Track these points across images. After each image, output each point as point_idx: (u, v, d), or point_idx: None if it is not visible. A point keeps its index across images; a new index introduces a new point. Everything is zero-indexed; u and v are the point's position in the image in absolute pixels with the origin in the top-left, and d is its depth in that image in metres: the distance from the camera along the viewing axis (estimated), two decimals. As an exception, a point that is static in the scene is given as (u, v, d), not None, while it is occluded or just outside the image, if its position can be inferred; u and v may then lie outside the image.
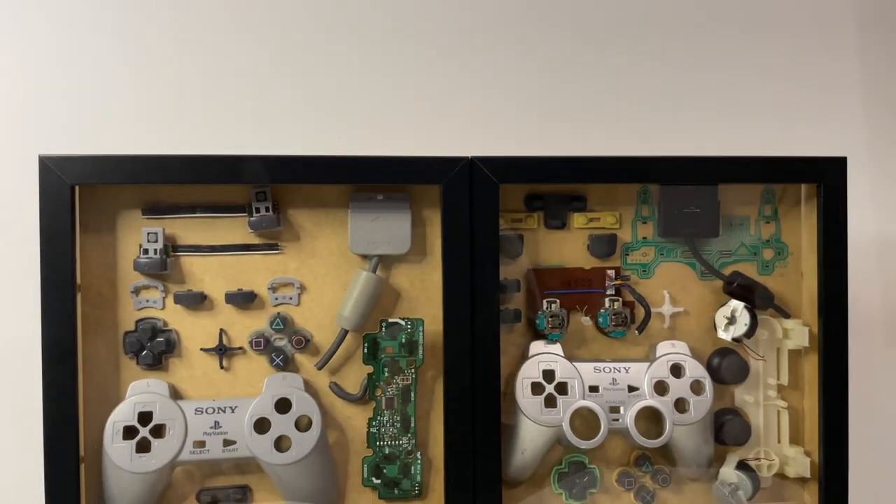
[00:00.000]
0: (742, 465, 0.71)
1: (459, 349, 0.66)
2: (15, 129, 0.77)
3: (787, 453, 0.72)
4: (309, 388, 0.67)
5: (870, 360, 0.87)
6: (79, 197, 0.63)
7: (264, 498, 0.67)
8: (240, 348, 0.67)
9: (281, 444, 0.64)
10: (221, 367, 0.67)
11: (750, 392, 0.73)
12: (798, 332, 0.71)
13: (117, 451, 0.62)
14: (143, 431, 0.63)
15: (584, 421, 0.69)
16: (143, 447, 0.63)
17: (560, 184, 0.70)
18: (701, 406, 0.69)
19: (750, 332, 0.70)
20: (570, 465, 0.71)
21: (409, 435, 0.68)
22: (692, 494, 0.72)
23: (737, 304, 0.70)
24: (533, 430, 0.68)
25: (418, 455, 0.68)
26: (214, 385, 0.67)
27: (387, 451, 0.68)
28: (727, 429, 0.71)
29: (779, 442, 0.73)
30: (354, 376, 0.69)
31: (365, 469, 0.68)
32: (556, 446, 0.70)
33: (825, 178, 0.70)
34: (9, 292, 0.75)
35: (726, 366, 0.71)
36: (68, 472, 0.61)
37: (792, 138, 0.87)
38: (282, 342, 0.67)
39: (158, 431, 0.63)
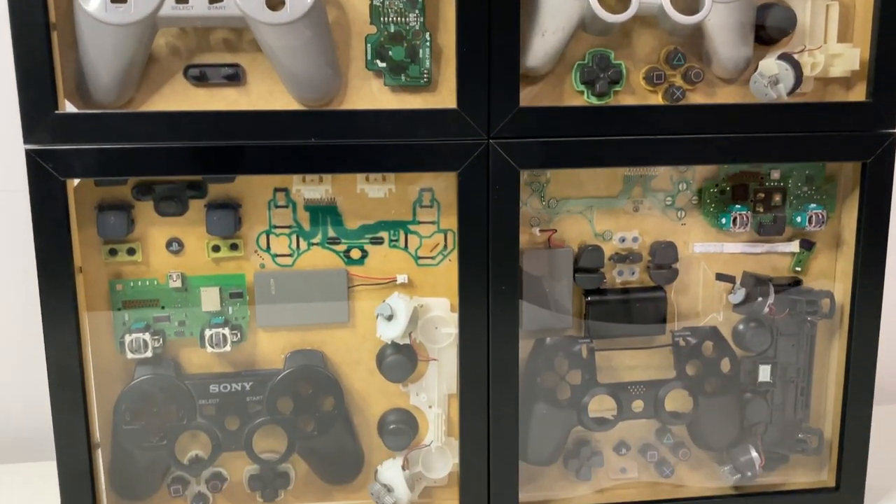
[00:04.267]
0: (784, 57, 0.64)
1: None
2: None
3: (834, 51, 0.65)
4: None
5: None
6: None
7: (257, 82, 0.61)
8: None
9: (274, 5, 0.57)
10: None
11: (798, -19, 0.65)
12: None
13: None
14: (117, -19, 0.56)
15: (611, 9, 0.62)
16: (119, -2, 0.56)
17: None
18: (745, -17, 0.62)
19: None
20: (593, 59, 0.64)
21: (417, 12, 0.61)
22: (726, 94, 0.66)
23: None
24: (555, 5, 0.61)
25: (427, 37, 0.61)
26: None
27: (392, 30, 0.61)
28: (769, 19, 0.64)
29: (825, 42, 0.66)
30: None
31: (368, 50, 0.61)
32: (580, 35, 0.64)
33: None
34: None
35: (775, -55, 0.63)
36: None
37: None
38: None
39: (134, -15, 0.56)
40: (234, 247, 0.64)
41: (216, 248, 0.64)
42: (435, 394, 0.69)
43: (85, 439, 0.62)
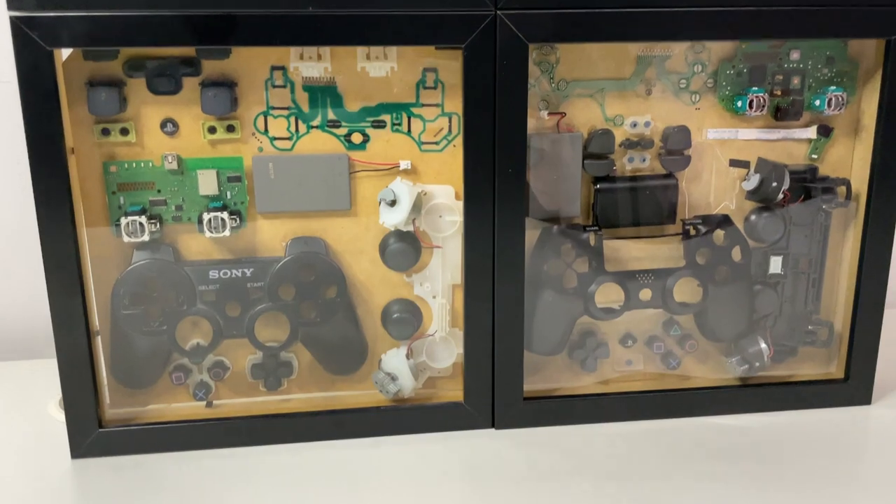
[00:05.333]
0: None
1: None
2: None
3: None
4: None
5: None
6: None
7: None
8: None
9: None
10: None
11: None
12: None
13: None
14: None
15: None
16: None
17: None
18: None
19: None
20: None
21: None
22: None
23: None
24: None
25: None
26: None
27: None
28: None
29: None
30: None
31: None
32: None
33: None
34: None
35: None
36: None
37: None
38: None
39: None
40: (230, 128, 0.62)
41: (212, 130, 0.61)
42: (439, 284, 0.67)
43: (84, 326, 0.61)
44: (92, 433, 0.63)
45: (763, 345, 0.70)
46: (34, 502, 0.59)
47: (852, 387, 0.71)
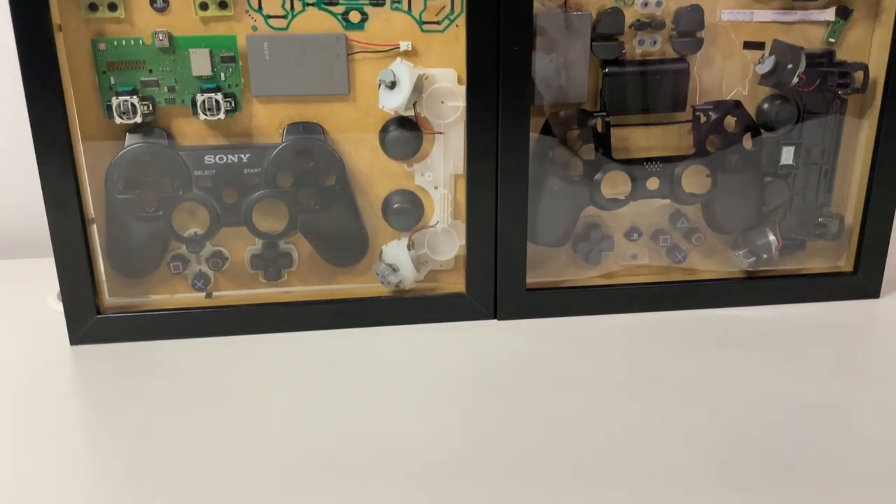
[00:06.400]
0: None
1: None
2: None
3: None
4: None
5: None
6: None
7: None
8: None
9: None
10: None
11: None
12: None
13: None
14: None
15: None
16: None
17: None
18: None
19: None
20: None
21: None
22: None
23: None
24: None
25: None
26: None
27: None
28: None
29: None
30: None
31: None
32: None
33: None
34: None
35: None
36: None
37: None
38: None
39: None
40: (222, 5, 0.59)
41: (204, 6, 0.59)
42: (441, 173, 0.66)
43: (78, 210, 0.60)
44: (90, 319, 0.63)
45: (771, 236, 0.68)
46: (33, 386, 0.59)
47: (861, 280, 0.69)
